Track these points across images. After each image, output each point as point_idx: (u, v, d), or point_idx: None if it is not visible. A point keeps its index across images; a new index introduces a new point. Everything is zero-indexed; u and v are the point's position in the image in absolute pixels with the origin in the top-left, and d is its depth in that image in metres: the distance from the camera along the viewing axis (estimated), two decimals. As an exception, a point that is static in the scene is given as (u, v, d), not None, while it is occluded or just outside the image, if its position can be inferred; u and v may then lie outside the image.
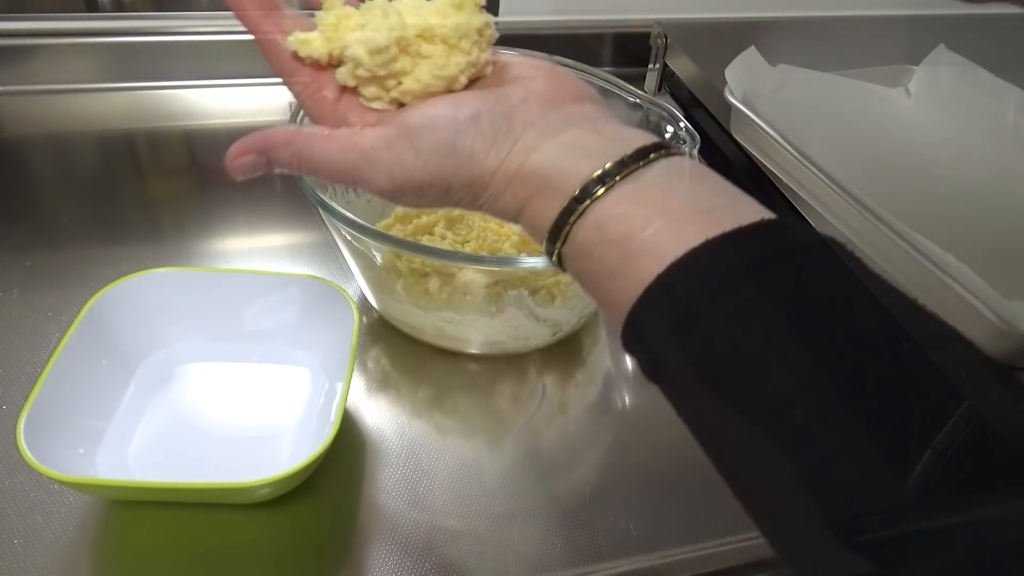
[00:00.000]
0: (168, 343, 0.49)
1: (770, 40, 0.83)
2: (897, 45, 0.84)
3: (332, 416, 0.41)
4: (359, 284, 0.56)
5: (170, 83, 0.80)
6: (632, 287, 0.26)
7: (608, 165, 0.28)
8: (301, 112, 0.52)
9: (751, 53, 0.78)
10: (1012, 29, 0.98)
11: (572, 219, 0.28)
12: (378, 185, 0.31)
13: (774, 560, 0.45)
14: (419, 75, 0.32)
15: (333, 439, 0.39)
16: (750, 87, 0.75)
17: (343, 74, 0.32)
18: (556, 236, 0.29)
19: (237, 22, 0.34)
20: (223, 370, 0.49)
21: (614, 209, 0.27)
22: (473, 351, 0.53)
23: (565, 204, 0.28)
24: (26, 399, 0.39)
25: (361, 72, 0.32)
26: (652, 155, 0.28)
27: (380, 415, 0.49)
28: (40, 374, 0.40)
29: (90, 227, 0.62)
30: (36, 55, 0.77)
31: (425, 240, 0.57)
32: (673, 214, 0.26)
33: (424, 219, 0.58)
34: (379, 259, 0.49)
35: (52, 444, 0.39)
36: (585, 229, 0.27)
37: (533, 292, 0.50)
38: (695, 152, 0.49)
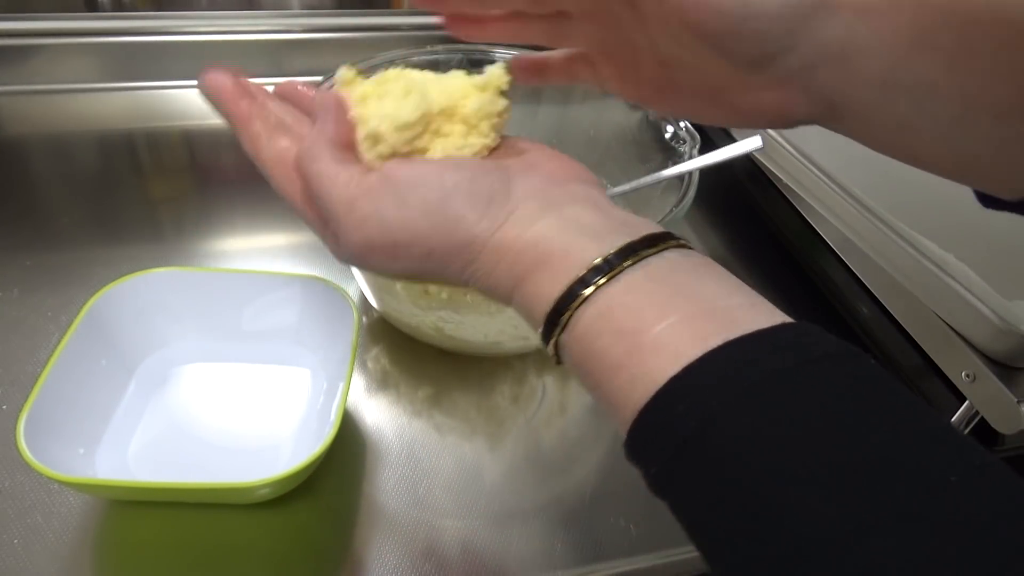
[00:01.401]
0: (168, 343, 0.49)
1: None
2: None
3: (332, 416, 0.41)
4: (359, 284, 0.56)
5: (170, 83, 0.80)
6: (640, 387, 0.23)
7: (617, 247, 0.25)
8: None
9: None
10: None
11: (575, 304, 0.25)
12: (347, 236, 0.28)
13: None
14: (434, 154, 0.30)
15: (333, 439, 0.39)
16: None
17: (363, 148, 0.31)
18: (555, 321, 0.26)
19: (237, 22, 0.33)
20: (223, 370, 0.49)
21: (624, 297, 0.24)
22: (473, 351, 0.53)
23: (568, 286, 0.25)
24: (26, 399, 0.39)
25: (382, 148, 0.30)
26: (661, 244, 0.25)
27: (380, 415, 0.49)
28: (40, 374, 0.40)
29: (90, 227, 0.62)
30: (36, 55, 0.77)
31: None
32: (688, 310, 0.23)
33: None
34: (379, 259, 0.49)
35: (52, 444, 0.39)
36: (589, 316, 0.25)
37: (533, 292, 0.50)
38: (695, 152, 0.49)
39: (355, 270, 0.53)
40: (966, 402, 0.50)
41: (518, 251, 0.27)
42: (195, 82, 0.33)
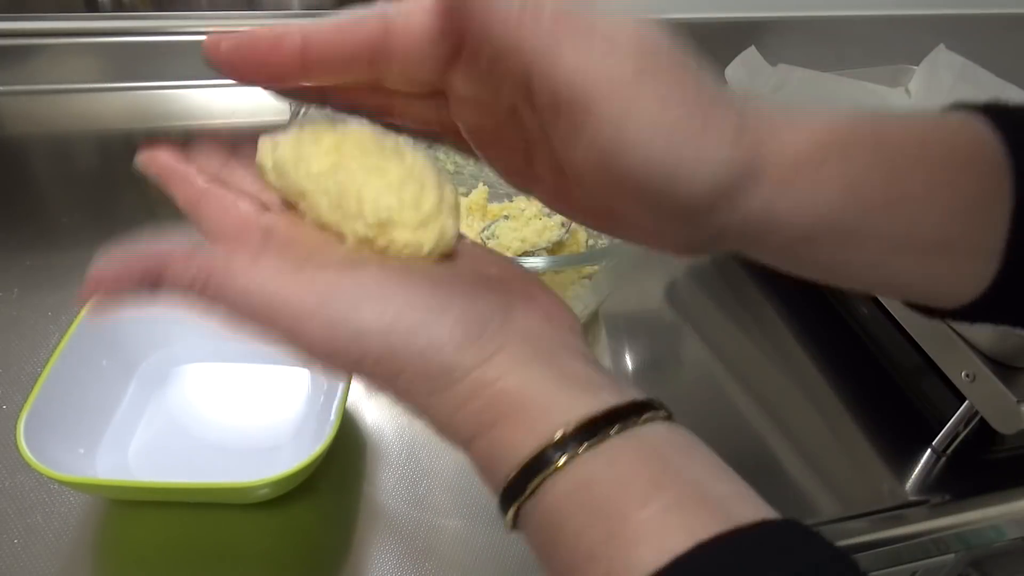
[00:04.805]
0: (168, 343, 0.49)
1: (770, 40, 0.83)
2: (897, 45, 0.84)
3: (332, 416, 0.41)
4: (359, 284, 0.56)
5: (170, 83, 0.79)
6: None
7: (604, 409, 0.22)
8: (302, 111, 0.51)
9: (751, 53, 0.78)
10: (1012, 29, 0.98)
11: (551, 468, 0.21)
12: (311, 336, 0.23)
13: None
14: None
15: (333, 439, 0.39)
16: (750, 87, 0.75)
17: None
18: (522, 486, 0.22)
19: (237, 22, 0.33)
20: (223, 370, 0.49)
21: (606, 471, 0.21)
22: (473, 351, 0.53)
23: (543, 447, 0.22)
24: (26, 399, 0.39)
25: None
26: (649, 413, 0.23)
27: (380, 415, 0.49)
28: (40, 374, 0.40)
29: (90, 227, 0.62)
30: (36, 55, 0.77)
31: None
32: (677, 494, 0.21)
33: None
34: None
35: (52, 444, 0.39)
36: (563, 487, 0.21)
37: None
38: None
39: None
40: (966, 402, 0.50)
41: (495, 395, 0.23)
42: (195, 82, 0.33)
